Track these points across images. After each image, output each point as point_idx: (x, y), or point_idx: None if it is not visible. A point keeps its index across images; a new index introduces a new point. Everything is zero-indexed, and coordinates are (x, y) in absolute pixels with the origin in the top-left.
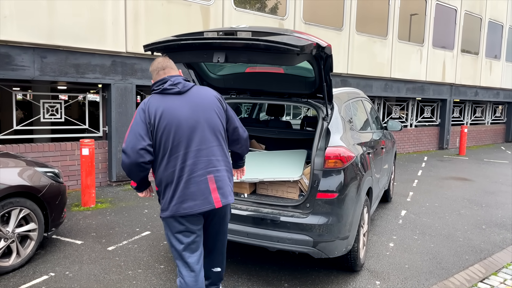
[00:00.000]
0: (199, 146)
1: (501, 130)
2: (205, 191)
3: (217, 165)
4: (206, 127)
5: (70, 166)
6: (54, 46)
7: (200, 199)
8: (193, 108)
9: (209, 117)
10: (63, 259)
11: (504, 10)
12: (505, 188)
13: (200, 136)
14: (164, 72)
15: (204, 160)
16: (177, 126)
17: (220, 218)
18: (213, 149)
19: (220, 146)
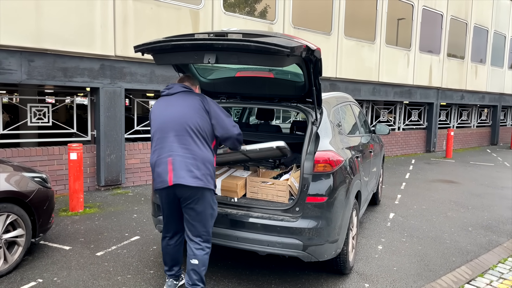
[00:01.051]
0: (171, 136)
1: (486, 133)
2: (164, 171)
3: (179, 152)
4: (181, 121)
5: (57, 170)
6: (42, 49)
7: (162, 178)
8: (175, 106)
9: (185, 114)
10: (51, 265)
11: (489, 15)
12: (491, 191)
13: (174, 128)
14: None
15: (170, 145)
16: (159, 118)
17: (186, 203)
18: (182, 138)
19: (190, 138)
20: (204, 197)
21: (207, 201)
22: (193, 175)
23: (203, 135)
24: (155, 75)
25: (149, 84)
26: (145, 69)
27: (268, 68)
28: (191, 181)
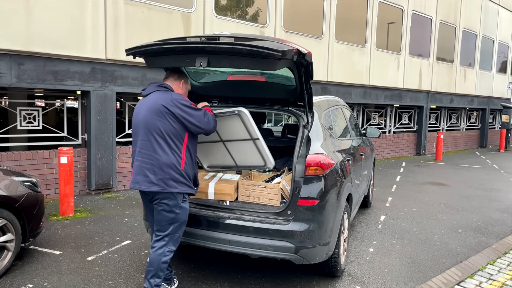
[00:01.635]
0: (141, 139)
1: (475, 136)
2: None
3: (139, 157)
4: (146, 125)
5: (48, 174)
6: (32, 52)
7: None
8: (144, 109)
9: (148, 118)
10: (41, 270)
11: (477, 20)
12: (480, 193)
13: (142, 132)
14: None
15: (136, 150)
16: (133, 122)
17: (155, 204)
18: (146, 143)
19: (150, 142)
20: (164, 201)
21: (167, 205)
22: (148, 180)
23: (167, 138)
24: (147, 78)
25: (140, 87)
26: (136, 72)
27: (260, 71)
28: (145, 185)
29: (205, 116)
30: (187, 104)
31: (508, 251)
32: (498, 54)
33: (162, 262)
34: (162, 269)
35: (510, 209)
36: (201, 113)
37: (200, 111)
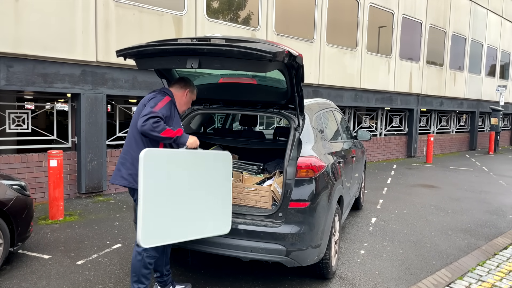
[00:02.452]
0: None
1: (465, 138)
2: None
3: (122, 152)
4: (132, 123)
5: (37, 178)
6: (21, 55)
7: None
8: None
9: (135, 116)
10: (30, 274)
11: (467, 24)
12: (469, 195)
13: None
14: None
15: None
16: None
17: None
18: (128, 139)
19: (129, 138)
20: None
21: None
22: (119, 174)
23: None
24: (138, 81)
25: (131, 90)
26: (127, 75)
27: (251, 74)
28: (116, 179)
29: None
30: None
31: (497, 253)
32: (487, 58)
33: (143, 267)
34: (144, 275)
35: (499, 211)
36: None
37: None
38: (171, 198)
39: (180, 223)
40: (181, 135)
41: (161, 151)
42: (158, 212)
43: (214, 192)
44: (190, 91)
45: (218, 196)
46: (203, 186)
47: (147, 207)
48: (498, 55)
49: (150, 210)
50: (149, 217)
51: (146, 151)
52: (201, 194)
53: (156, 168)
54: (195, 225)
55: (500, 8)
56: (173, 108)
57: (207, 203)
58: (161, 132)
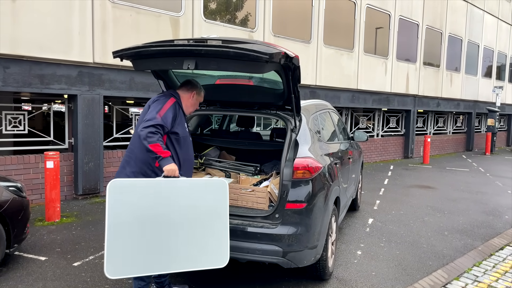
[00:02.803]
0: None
1: (462, 139)
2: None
3: (127, 151)
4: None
5: (33, 179)
6: (18, 56)
7: None
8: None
9: (140, 117)
10: (26, 276)
11: (463, 25)
12: (466, 196)
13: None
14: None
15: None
16: None
17: None
18: (133, 138)
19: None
20: None
21: None
22: (124, 172)
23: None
24: (135, 82)
25: (128, 91)
26: (124, 76)
27: (248, 75)
28: (120, 176)
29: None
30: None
31: (494, 253)
32: (483, 59)
33: None
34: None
35: (496, 211)
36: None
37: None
38: (142, 230)
39: (151, 256)
40: (163, 158)
41: (130, 181)
42: (123, 244)
43: (204, 223)
44: (196, 93)
45: (209, 228)
46: (186, 217)
47: (110, 239)
48: (494, 56)
49: (113, 242)
50: (115, 250)
51: (112, 183)
52: (185, 226)
53: (121, 199)
54: (178, 257)
55: (497, 9)
56: (178, 109)
57: (193, 235)
58: (150, 144)
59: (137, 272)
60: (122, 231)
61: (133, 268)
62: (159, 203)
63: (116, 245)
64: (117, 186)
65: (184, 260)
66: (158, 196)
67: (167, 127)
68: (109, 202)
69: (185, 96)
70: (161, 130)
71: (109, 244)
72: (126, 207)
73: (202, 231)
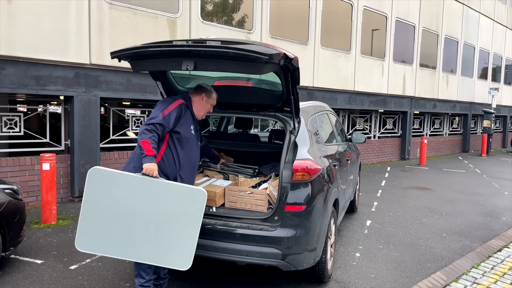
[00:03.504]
0: None
1: (458, 140)
2: None
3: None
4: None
5: (29, 181)
6: (14, 57)
7: None
8: None
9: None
10: (22, 279)
11: (459, 27)
12: (463, 197)
13: None
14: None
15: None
16: None
17: None
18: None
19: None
20: None
21: None
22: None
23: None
24: (132, 83)
25: (125, 92)
26: (121, 77)
27: (247, 77)
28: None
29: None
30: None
31: (492, 255)
32: (479, 61)
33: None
34: (144, 269)
35: (493, 213)
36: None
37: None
38: (111, 216)
39: (119, 242)
40: (146, 156)
41: (109, 171)
42: (95, 224)
43: (175, 226)
44: (206, 95)
45: (179, 231)
46: (158, 216)
47: (84, 217)
48: (490, 58)
49: (86, 220)
50: (84, 226)
51: (93, 169)
52: (154, 223)
53: (98, 185)
54: (140, 249)
55: (492, 11)
56: (185, 110)
57: (161, 233)
58: (141, 140)
59: (104, 252)
60: (96, 212)
61: (101, 247)
62: (133, 198)
63: (88, 222)
64: (97, 173)
65: (149, 254)
66: (132, 191)
67: (168, 126)
68: (87, 184)
69: (195, 99)
70: (159, 130)
71: (82, 219)
72: (102, 193)
73: (171, 232)
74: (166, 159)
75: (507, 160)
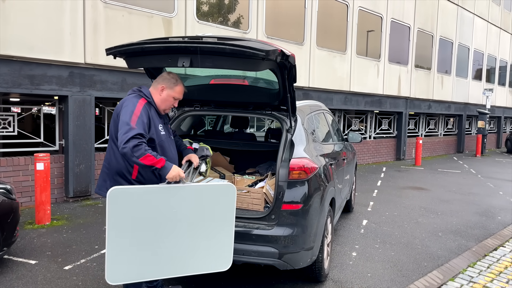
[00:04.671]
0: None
1: (453, 141)
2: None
3: (104, 161)
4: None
5: (23, 181)
6: (7, 56)
7: None
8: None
9: (111, 128)
10: (16, 280)
11: (454, 28)
12: (458, 197)
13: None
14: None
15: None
16: None
17: None
18: (108, 147)
19: (108, 146)
20: None
21: None
22: (105, 185)
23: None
24: (127, 83)
25: (120, 92)
26: (116, 77)
27: (243, 75)
28: (102, 190)
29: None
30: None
31: (488, 254)
32: (474, 62)
33: None
34: None
35: (488, 212)
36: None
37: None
38: (141, 237)
39: (154, 261)
40: (161, 167)
41: (131, 189)
42: (125, 251)
43: (209, 227)
44: (167, 87)
45: (214, 232)
46: (191, 223)
47: (111, 246)
48: (484, 59)
49: (114, 248)
50: (113, 256)
51: (112, 190)
52: (189, 231)
53: (121, 207)
54: (178, 263)
55: (486, 13)
56: (149, 109)
57: (198, 239)
58: (140, 158)
59: (141, 277)
60: (124, 237)
61: (137, 273)
62: (162, 210)
63: (117, 250)
64: (118, 193)
65: (186, 265)
66: (160, 203)
67: (146, 133)
68: (109, 208)
69: (154, 91)
70: (143, 138)
71: (110, 249)
72: (127, 214)
73: (207, 235)
74: (144, 173)
75: (501, 161)
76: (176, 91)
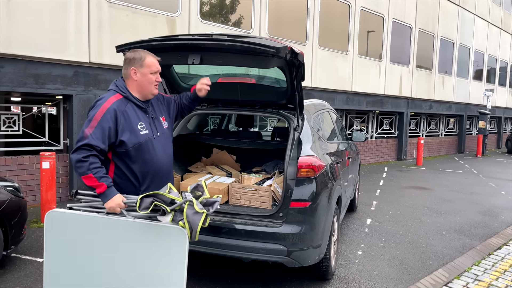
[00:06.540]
0: None
1: (454, 141)
2: None
3: None
4: None
5: (28, 180)
6: (12, 55)
7: None
8: None
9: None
10: (24, 278)
11: (455, 28)
12: (461, 196)
13: None
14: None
15: None
16: None
17: None
18: None
19: None
20: None
21: None
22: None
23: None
24: None
25: None
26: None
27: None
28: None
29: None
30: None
31: (492, 252)
32: (474, 62)
33: None
34: None
35: (491, 211)
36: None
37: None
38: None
39: None
40: (99, 193)
41: (70, 214)
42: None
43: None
44: (136, 66)
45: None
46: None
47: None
48: (485, 60)
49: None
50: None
51: (50, 214)
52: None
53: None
54: None
55: (487, 13)
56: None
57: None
58: (82, 176)
59: None
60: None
61: None
62: (99, 240)
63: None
64: (54, 217)
65: None
66: (100, 235)
67: (98, 146)
68: (45, 232)
69: (128, 80)
70: (93, 150)
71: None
72: (63, 239)
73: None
74: (119, 180)
75: (502, 161)
76: (148, 64)
